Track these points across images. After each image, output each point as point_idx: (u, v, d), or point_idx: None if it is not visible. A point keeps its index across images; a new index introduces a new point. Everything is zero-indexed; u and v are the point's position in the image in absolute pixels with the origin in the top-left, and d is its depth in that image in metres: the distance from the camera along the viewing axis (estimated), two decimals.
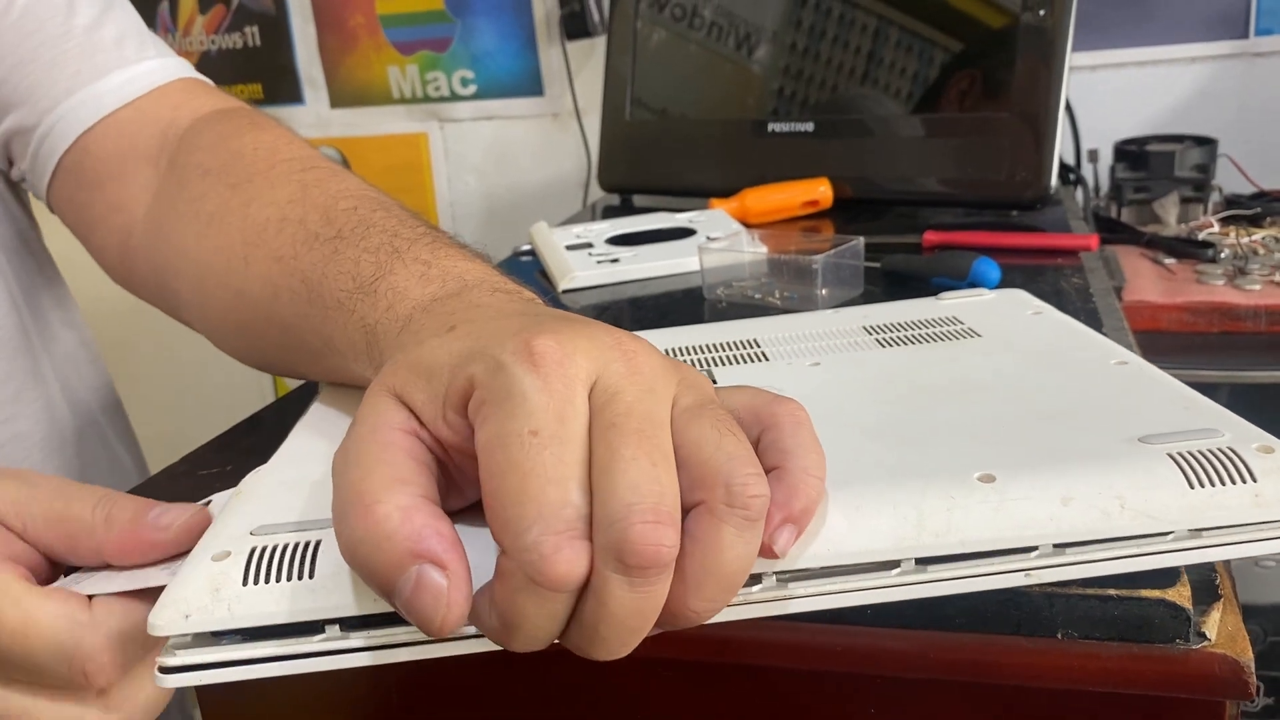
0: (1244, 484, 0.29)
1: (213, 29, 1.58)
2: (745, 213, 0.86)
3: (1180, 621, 0.30)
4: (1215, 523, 0.29)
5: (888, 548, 0.28)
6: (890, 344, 0.43)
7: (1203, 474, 0.29)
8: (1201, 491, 0.29)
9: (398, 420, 0.28)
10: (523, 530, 0.25)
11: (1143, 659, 0.30)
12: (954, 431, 0.33)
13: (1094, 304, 0.58)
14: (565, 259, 0.74)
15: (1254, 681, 0.31)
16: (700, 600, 0.26)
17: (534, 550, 0.25)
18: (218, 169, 0.51)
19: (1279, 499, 0.29)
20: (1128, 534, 0.29)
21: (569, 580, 0.25)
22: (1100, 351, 0.39)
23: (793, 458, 0.27)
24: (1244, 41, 1.18)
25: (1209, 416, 0.32)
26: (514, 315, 0.31)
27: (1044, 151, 0.80)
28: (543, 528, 0.25)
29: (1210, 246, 0.97)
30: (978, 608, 0.31)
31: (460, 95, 1.49)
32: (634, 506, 0.25)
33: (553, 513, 0.25)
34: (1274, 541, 0.29)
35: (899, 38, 0.88)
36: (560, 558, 0.25)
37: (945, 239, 0.74)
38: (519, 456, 0.25)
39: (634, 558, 0.24)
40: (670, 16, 1.01)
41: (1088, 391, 0.36)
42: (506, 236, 1.47)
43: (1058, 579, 0.29)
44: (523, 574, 0.25)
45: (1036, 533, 0.29)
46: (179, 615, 0.28)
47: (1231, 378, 0.84)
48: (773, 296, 0.64)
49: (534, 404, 0.26)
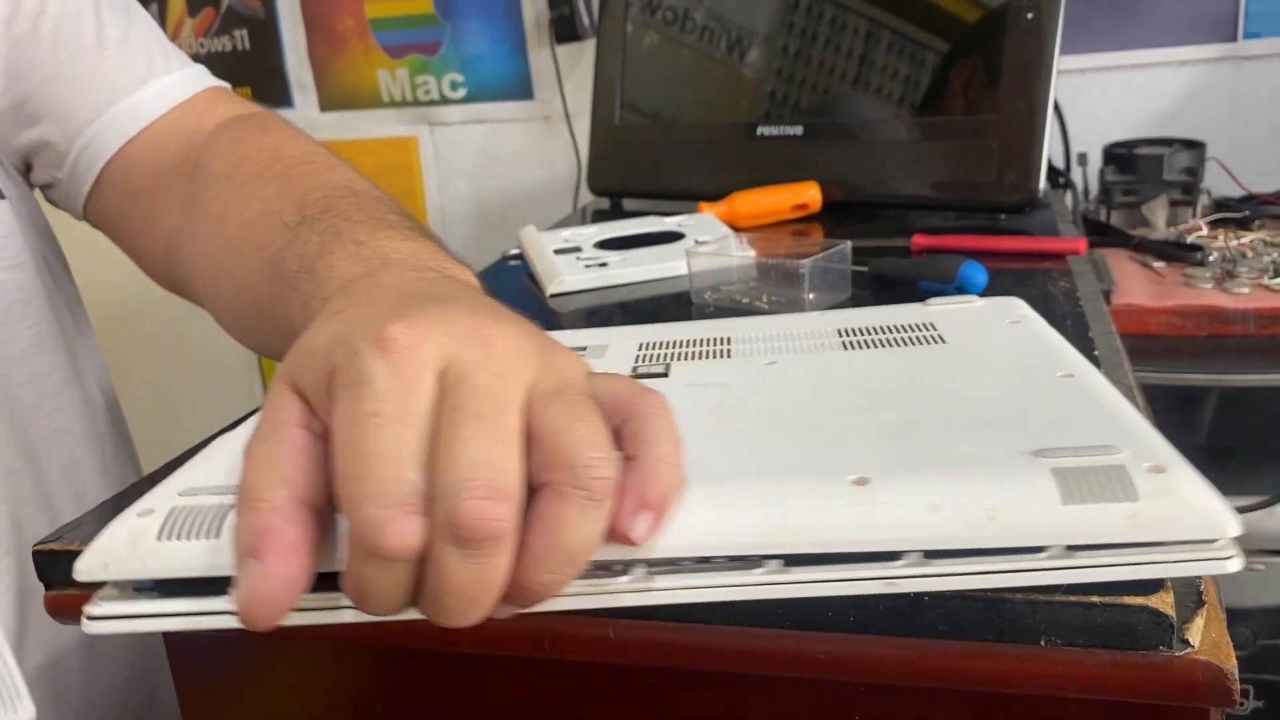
0: (1123, 502, 0.28)
1: (202, 32, 1.58)
2: (734, 216, 0.86)
3: (1164, 628, 0.30)
4: (1088, 540, 0.28)
5: (750, 543, 0.29)
6: (854, 346, 0.43)
7: (1082, 490, 0.28)
8: (1076, 508, 0.28)
9: (291, 415, 0.30)
10: (360, 505, 0.26)
11: (1126, 666, 0.30)
12: (858, 434, 0.34)
13: (1081, 307, 0.58)
14: (553, 263, 0.74)
15: (1237, 688, 0.31)
16: (543, 574, 0.27)
17: (369, 524, 0.26)
18: (226, 174, 0.54)
19: (1158, 520, 0.28)
20: (996, 546, 0.28)
21: (402, 552, 0.26)
22: (1053, 363, 0.39)
23: (649, 446, 0.28)
24: (1232, 45, 1.18)
25: (1122, 433, 0.31)
26: (397, 298, 0.33)
27: (1032, 155, 0.80)
28: (378, 503, 0.26)
29: (1199, 250, 0.97)
30: (960, 614, 0.31)
31: (450, 99, 1.49)
32: (467, 483, 0.26)
33: (387, 489, 0.26)
34: (1152, 566, 0.28)
35: (887, 41, 0.88)
36: (393, 531, 0.26)
37: (933, 243, 0.74)
38: (359, 436, 0.27)
39: (465, 530, 0.26)
40: (661, 20, 1.01)
41: (1016, 403, 0.35)
42: (496, 240, 1.47)
43: (927, 589, 0.29)
44: (362, 546, 0.27)
45: (902, 538, 0.29)
46: (99, 563, 0.31)
47: (1220, 380, 0.84)
48: (760, 300, 0.64)
49: (379, 387, 0.27)
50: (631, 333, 0.51)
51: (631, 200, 1.04)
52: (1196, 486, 0.29)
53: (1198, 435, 0.87)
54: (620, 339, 0.49)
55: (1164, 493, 0.28)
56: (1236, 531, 0.28)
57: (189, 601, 0.31)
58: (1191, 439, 0.87)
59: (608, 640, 0.33)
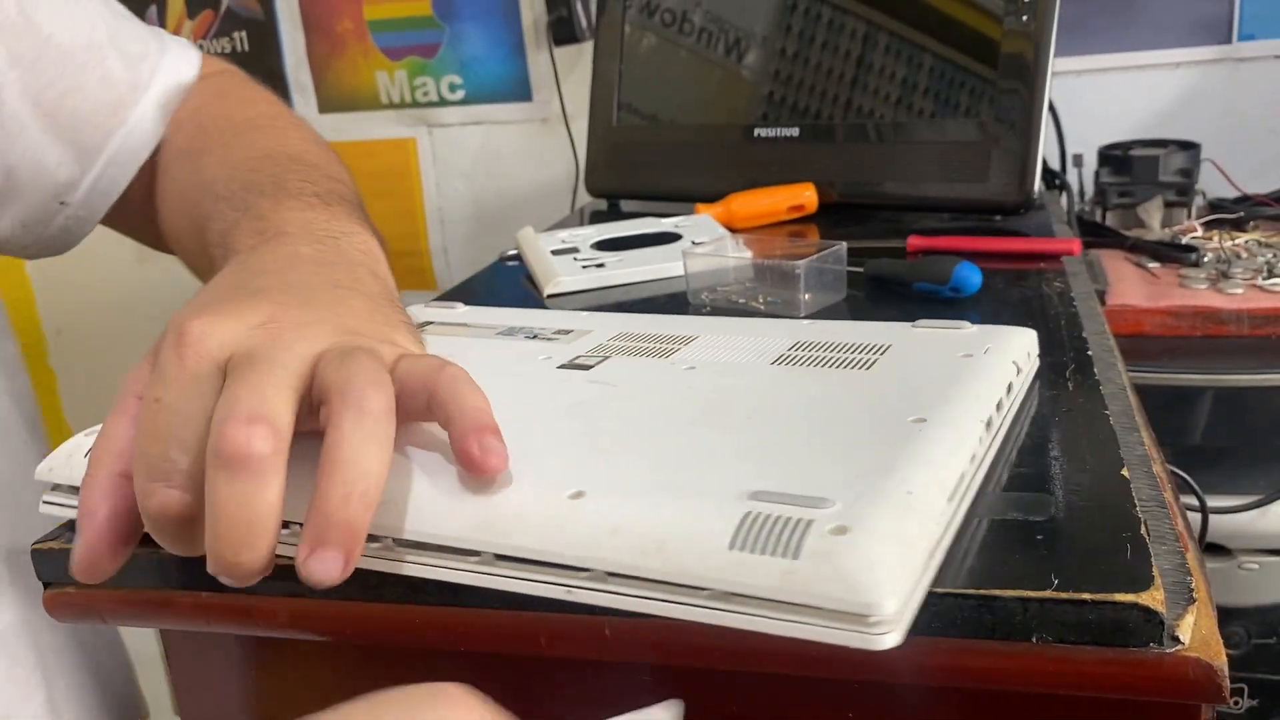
0: (782, 558, 0.28)
1: (201, 34, 1.58)
2: (731, 217, 0.87)
3: (1154, 625, 0.30)
4: (741, 590, 0.28)
5: (464, 536, 0.32)
6: (787, 362, 0.44)
7: (752, 539, 0.28)
8: (738, 554, 0.28)
9: (137, 386, 0.34)
10: (135, 476, 0.31)
11: (1117, 663, 0.30)
12: (651, 449, 0.35)
13: (1075, 308, 0.58)
14: (551, 264, 0.74)
15: (1227, 685, 0.31)
16: (334, 489, 0.29)
17: (139, 492, 0.31)
18: (187, 148, 0.57)
19: (809, 583, 0.27)
20: (658, 578, 0.29)
21: (160, 516, 0.31)
22: (927, 406, 0.37)
23: (453, 401, 0.32)
24: (1227, 47, 1.18)
25: (863, 490, 0.31)
26: (231, 286, 0.37)
27: (1028, 156, 0.80)
28: (143, 476, 0.31)
29: (1194, 250, 0.97)
30: (951, 611, 0.31)
31: (448, 100, 1.49)
32: (228, 415, 0.29)
33: (151, 465, 0.31)
34: (794, 626, 0.28)
35: (884, 43, 0.89)
36: (151, 501, 0.31)
37: (928, 244, 0.74)
38: (144, 418, 0.31)
39: (225, 452, 0.29)
40: (660, 22, 1.01)
41: (825, 440, 0.35)
42: (494, 241, 1.47)
43: (602, 604, 0.30)
44: (141, 508, 0.31)
45: (582, 555, 0.30)
46: (47, 467, 0.39)
47: (1214, 381, 0.85)
48: (756, 301, 0.64)
49: (166, 376, 0.32)
50: (617, 321, 0.53)
51: (629, 201, 1.04)
52: (868, 557, 0.28)
53: (1192, 435, 0.87)
54: (602, 326, 0.52)
55: (826, 556, 0.28)
56: (890, 610, 0.27)
57: None
58: (1186, 439, 0.87)
59: (603, 638, 0.34)
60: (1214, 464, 0.84)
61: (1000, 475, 0.38)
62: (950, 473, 0.33)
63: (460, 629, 0.36)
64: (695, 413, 0.39)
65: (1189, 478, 0.66)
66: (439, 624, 0.36)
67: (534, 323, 0.54)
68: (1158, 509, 0.36)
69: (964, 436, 0.36)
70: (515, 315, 0.56)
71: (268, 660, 0.43)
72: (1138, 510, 0.35)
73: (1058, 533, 0.34)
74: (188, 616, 0.39)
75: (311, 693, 0.43)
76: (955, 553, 0.33)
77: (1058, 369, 0.48)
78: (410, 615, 0.36)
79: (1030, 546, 0.33)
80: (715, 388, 0.42)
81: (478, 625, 0.35)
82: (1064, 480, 0.38)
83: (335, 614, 0.37)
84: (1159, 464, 0.40)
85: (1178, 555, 0.33)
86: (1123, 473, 0.38)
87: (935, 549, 0.31)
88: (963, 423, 0.36)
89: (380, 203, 1.55)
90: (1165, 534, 0.34)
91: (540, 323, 0.53)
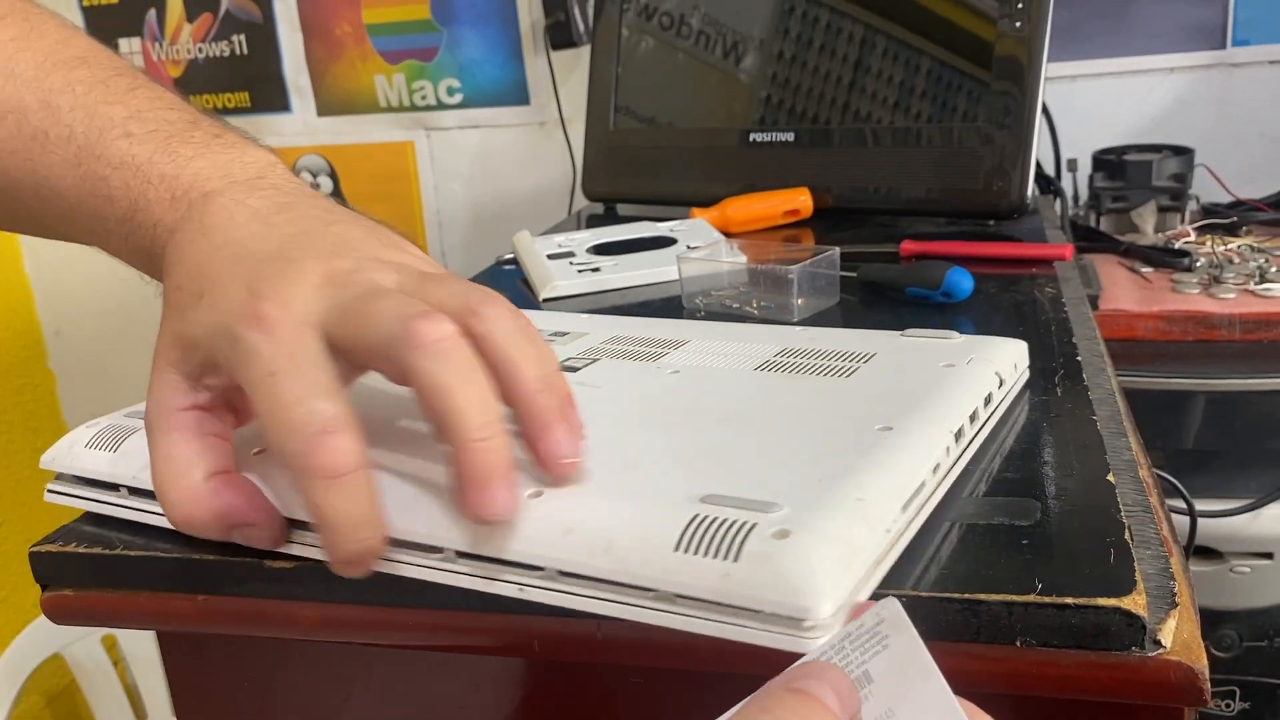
0: (723, 560, 0.28)
1: (200, 37, 1.58)
2: (727, 222, 0.87)
3: (1136, 629, 0.31)
4: (684, 591, 0.29)
5: (428, 533, 0.33)
6: (770, 369, 0.44)
7: (697, 541, 0.29)
8: (682, 557, 0.29)
9: (175, 399, 0.34)
10: (286, 448, 0.30)
11: (1099, 666, 0.31)
12: (618, 452, 0.35)
13: (1065, 313, 0.59)
14: (546, 268, 0.75)
15: (1209, 688, 0.31)
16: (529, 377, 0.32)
17: (299, 457, 0.30)
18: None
19: (747, 585, 0.28)
20: (608, 578, 0.30)
21: (337, 459, 0.30)
22: (895, 416, 0.37)
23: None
24: (1221, 52, 1.19)
25: (811, 495, 0.31)
26: (248, 258, 0.34)
27: (1021, 161, 0.80)
28: (300, 437, 0.30)
29: (1186, 255, 0.98)
30: (935, 615, 0.32)
31: (446, 104, 1.50)
32: (406, 317, 0.31)
33: (302, 422, 0.30)
34: (733, 628, 0.28)
35: (880, 47, 0.89)
36: (323, 452, 0.30)
37: (921, 249, 0.74)
38: (266, 395, 0.31)
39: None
40: (658, 25, 1.01)
41: (793, 447, 0.36)
42: (491, 244, 1.48)
43: (554, 603, 0.31)
44: (307, 480, 0.30)
45: (538, 554, 0.31)
46: (51, 457, 0.41)
47: (1206, 385, 0.85)
48: (750, 305, 0.64)
49: (265, 355, 0.31)
50: (613, 324, 0.54)
51: (626, 205, 1.04)
52: (806, 561, 0.28)
53: (1184, 440, 0.88)
54: (598, 328, 0.53)
55: (764, 559, 0.28)
56: (825, 613, 0.27)
57: (98, 492, 0.40)
58: (1178, 443, 0.88)
59: (595, 641, 0.34)
60: (1205, 468, 0.85)
61: (980, 482, 0.39)
62: (908, 481, 0.33)
63: (454, 632, 0.36)
64: (670, 416, 0.39)
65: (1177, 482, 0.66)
66: (433, 626, 0.36)
67: (541, 325, 0.54)
68: (1143, 514, 0.36)
69: (929, 446, 0.36)
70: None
71: (265, 663, 0.43)
72: (1122, 515, 0.35)
73: (1043, 537, 0.34)
74: (184, 619, 0.39)
75: (308, 695, 0.43)
76: (940, 557, 0.34)
77: (1047, 374, 0.49)
78: (405, 618, 0.36)
79: (1015, 551, 0.34)
80: (695, 392, 0.42)
81: (471, 628, 0.36)
82: (1050, 485, 0.38)
83: (331, 617, 0.37)
84: (1145, 469, 0.41)
85: (1161, 560, 0.34)
86: (1108, 478, 0.38)
87: (884, 555, 0.31)
88: (929, 432, 0.37)
89: (378, 206, 1.56)
90: (1150, 539, 0.35)
91: (539, 324, 0.54)
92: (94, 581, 0.40)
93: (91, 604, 0.41)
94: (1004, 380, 0.43)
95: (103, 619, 0.41)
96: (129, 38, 1.61)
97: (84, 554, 0.40)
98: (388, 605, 0.36)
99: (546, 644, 0.35)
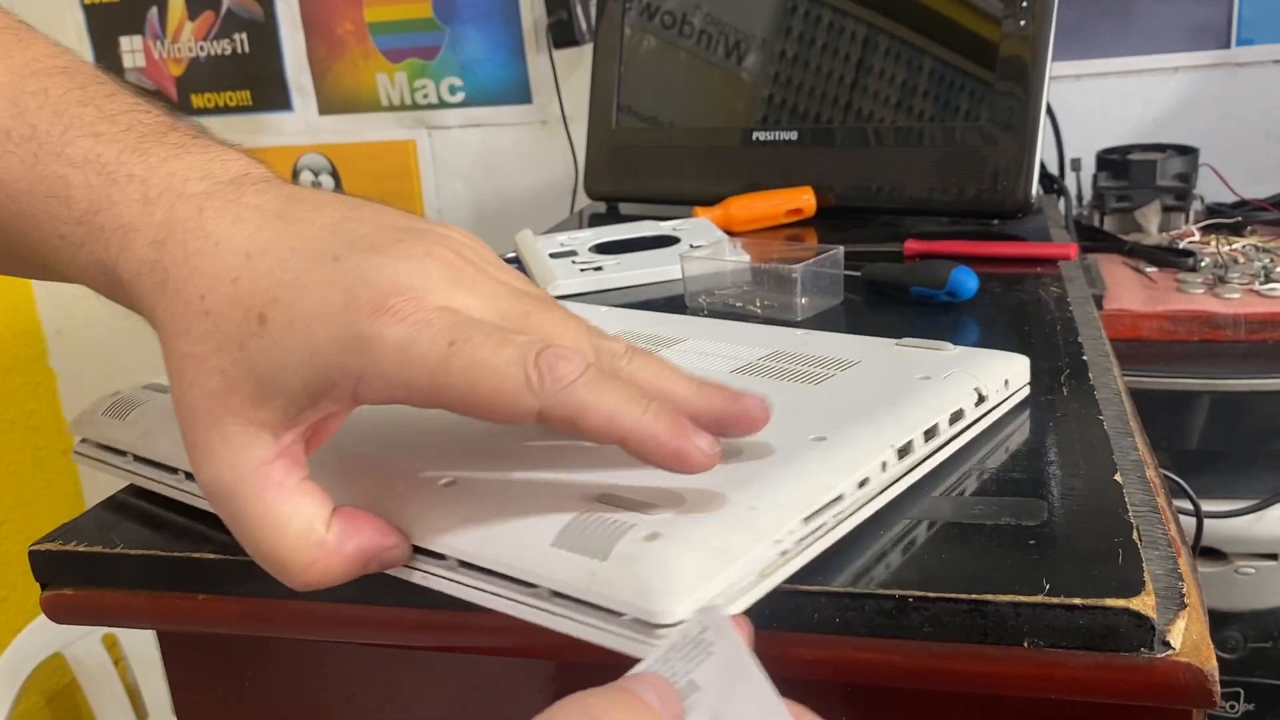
0: (592, 559, 0.28)
1: (202, 35, 1.58)
2: (729, 221, 0.87)
3: (1145, 630, 0.30)
4: (558, 587, 0.29)
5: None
6: (748, 371, 0.44)
7: (576, 538, 0.29)
8: (557, 552, 0.29)
9: (257, 454, 0.29)
10: (525, 386, 0.28)
11: (1108, 668, 0.31)
12: (560, 451, 0.35)
13: (1070, 313, 0.59)
14: (549, 267, 0.74)
15: (1218, 690, 0.31)
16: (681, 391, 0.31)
17: (544, 382, 0.28)
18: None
19: (611, 584, 0.28)
20: (494, 569, 0.30)
21: (577, 367, 0.28)
22: (833, 426, 0.36)
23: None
24: (1225, 51, 1.18)
25: (705, 497, 0.31)
26: (314, 266, 0.29)
27: (1025, 161, 0.80)
28: (534, 369, 0.28)
29: (1191, 255, 0.98)
30: (944, 616, 0.31)
31: (448, 102, 1.50)
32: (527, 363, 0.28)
33: (522, 356, 0.28)
34: (591, 629, 0.28)
35: (883, 46, 0.89)
36: (561, 366, 0.28)
37: (926, 248, 0.74)
38: (462, 366, 0.27)
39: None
40: (660, 24, 1.01)
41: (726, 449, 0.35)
42: (494, 243, 1.47)
43: (453, 593, 0.31)
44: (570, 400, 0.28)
45: (442, 542, 0.31)
46: (75, 422, 0.45)
47: (1211, 385, 0.85)
48: (753, 305, 0.64)
49: (428, 334, 0.28)
50: (622, 319, 0.54)
51: (628, 204, 1.04)
52: (666, 564, 0.28)
53: (1189, 440, 0.87)
54: (606, 323, 0.52)
55: (628, 560, 0.28)
56: (676, 618, 0.27)
57: (115, 457, 0.43)
58: (1183, 444, 0.87)
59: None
60: (1210, 468, 0.84)
61: (984, 481, 0.39)
62: (819, 493, 0.32)
63: (457, 631, 0.36)
64: None
65: (1183, 482, 0.66)
66: (436, 626, 0.36)
67: None
68: (1150, 514, 0.36)
69: (859, 459, 0.35)
70: None
71: (266, 662, 0.43)
72: (1130, 515, 0.35)
73: (1050, 538, 0.34)
74: (184, 618, 0.39)
75: (309, 695, 0.43)
76: (946, 558, 0.33)
77: (1053, 374, 0.49)
78: (408, 618, 0.36)
79: (1023, 551, 0.33)
80: None
81: (474, 628, 0.36)
82: (1056, 485, 0.38)
83: (332, 615, 0.37)
84: (1152, 469, 0.41)
85: (1170, 560, 0.33)
86: (1115, 478, 0.38)
87: (774, 567, 0.30)
88: (863, 445, 0.35)
89: None
90: (1158, 539, 0.35)
91: None
92: (94, 580, 0.40)
93: (92, 603, 0.40)
94: (985, 396, 0.41)
95: (103, 618, 0.41)
96: (130, 36, 1.61)
97: (84, 552, 0.40)
98: (390, 605, 0.36)
99: (551, 645, 0.35)
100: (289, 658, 0.42)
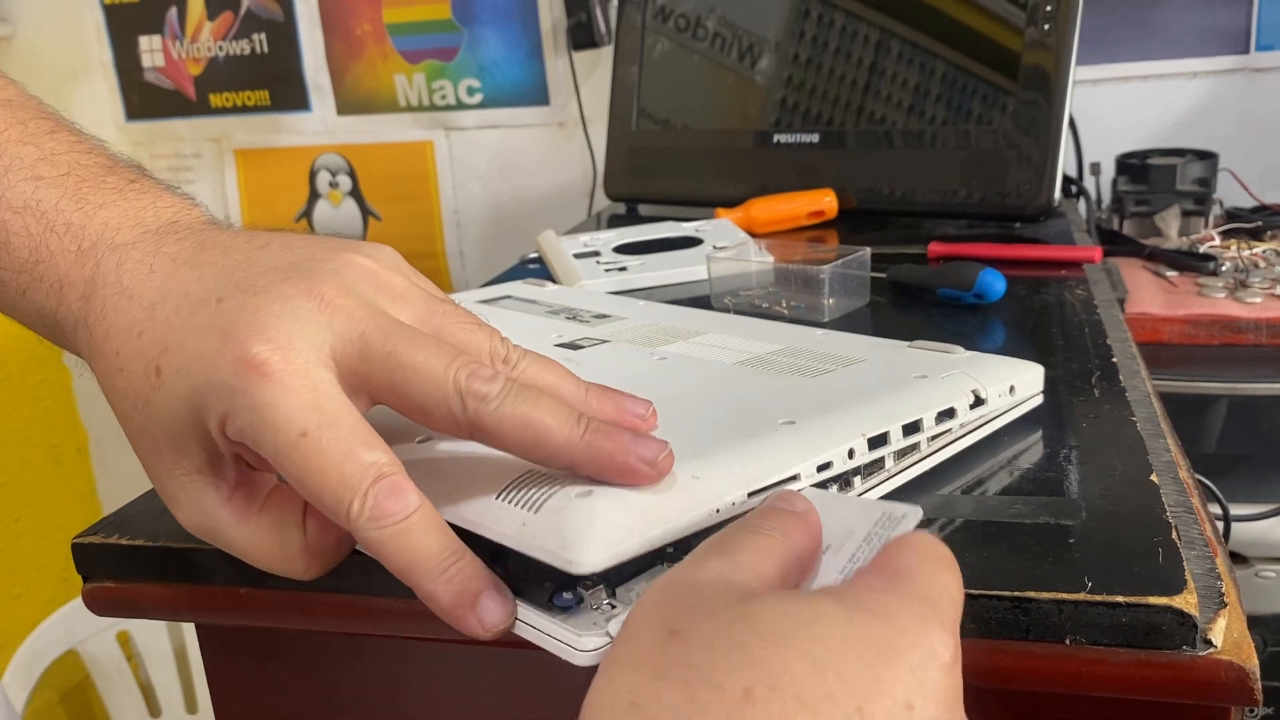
0: (526, 511, 0.29)
1: (221, 35, 1.59)
2: (751, 222, 0.87)
3: (1187, 628, 0.31)
4: (495, 537, 0.30)
5: None
6: (749, 363, 0.44)
7: (518, 493, 0.30)
8: (498, 504, 0.30)
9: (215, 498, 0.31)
10: (342, 510, 0.28)
11: (1150, 665, 0.31)
12: None
13: (1098, 315, 0.59)
14: (574, 267, 0.75)
15: (1259, 688, 0.31)
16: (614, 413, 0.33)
17: (363, 514, 0.28)
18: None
19: (538, 535, 0.29)
20: (452, 521, 0.30)
21: (409, 504, 0.28)
22: (806, 413, 0.37)
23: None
24: (1245, 57, 1.18)
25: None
26: (198, 309, 0.30)
27: (1047, 164, 0.80)
28: (356, 497, 0.28)
29: (1211, 259, 0.98)
30: (986, 613, 0.32)
31: (466, 104, 1.50)
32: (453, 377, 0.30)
33: (357, 479, 0.28)
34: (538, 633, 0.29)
35: (904, 50, 0.89)
36: (388, 497, 0.28)
37: (950, 250, 0.74)
38: (301, 463, 0.28)
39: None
40: (675, 27, 1.01)
41: (692, 429, 0.36)
42: (511, 244, 1.48)
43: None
44: (376, 532, 0.28)
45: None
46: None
47: (1231, 389, 0.85)
48: (780, 305, 0.64)
49: (285, 412, 0.28)
50: (652, 311, 0.55)
51: (647, 206, 1.04)
52: (590, 519, 0.28)
53: (1209, 444, 0.87)
54: (637, 315, 0.54)
55: (556, 513, 0.29)
56: (588, 569, 0.28)
57: None
58: (1203, 447, 0.87)
59: None
60: (1231, 472, 0.84)
61: (1019, 481, 0.39)
62: (770, 471, 0.33)
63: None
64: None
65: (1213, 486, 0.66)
66: None
67: (590, 306, 0.56)
68: (1186, 514, 0.36)
69: (822, 443, 0.35)
70: (584, 299, 0.58)
71: (305, 656, 0.43)
72: (1168, 515, 0.35)
73: (1089, 537, 0.34)
74: (227, 611, 0.40)
75: (349, 690, 0.43)
76: (987, 555, 0.34)
77: (1084, 376, 0.49)
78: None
79: (1063, 550, 0.34)
80: (658, 377, 0.43)
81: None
82: (1094, 485, 0.38)
83: (375, 608, 0.37)
84: (1185, 470, 0.41)
85: (1208, 560, 0.34)
86: (1151, 478, 0.38)
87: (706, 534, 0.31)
88: (834, 432, 0.36)
89: (397, 205, 1.56)
90: (1194, 539, 0.35)
91: (597, 307, 0.56)
92: (136, 574, 0.41)
93: (134, 596, 0.41)
94: (984, 399, 0.41)
95: (145, 611, 0.41)
96: (150, 35, 1.62)
97: (126, 545, 0.40)
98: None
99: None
100: (330, 652, 0.43)
